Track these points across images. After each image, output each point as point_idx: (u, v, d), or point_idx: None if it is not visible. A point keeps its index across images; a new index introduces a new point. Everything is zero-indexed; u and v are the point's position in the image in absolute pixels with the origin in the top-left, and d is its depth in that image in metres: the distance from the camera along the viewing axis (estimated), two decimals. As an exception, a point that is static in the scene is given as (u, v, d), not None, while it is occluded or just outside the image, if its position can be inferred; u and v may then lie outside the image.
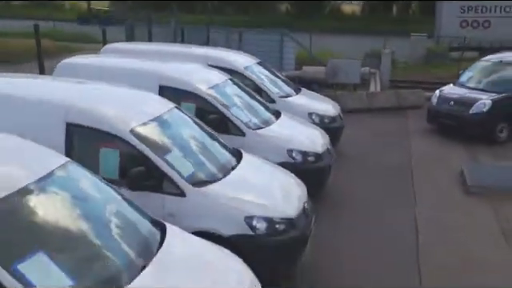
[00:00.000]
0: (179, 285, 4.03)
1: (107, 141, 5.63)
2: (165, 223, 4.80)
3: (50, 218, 4.05)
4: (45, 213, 4.04)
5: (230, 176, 6.13)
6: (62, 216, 4.15)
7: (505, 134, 12.22)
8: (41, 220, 3.97)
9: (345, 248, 7.13)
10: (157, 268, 4.11)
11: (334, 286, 6.28)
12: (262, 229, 5.56)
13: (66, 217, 4.17)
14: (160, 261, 4.20)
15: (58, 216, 4.12)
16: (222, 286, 4.29)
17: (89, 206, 4.45)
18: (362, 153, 11.07)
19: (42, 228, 3.92)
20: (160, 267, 4.14)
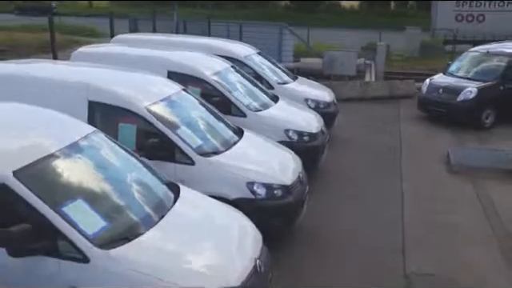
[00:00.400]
0: (187, 235, 4.74)
1: (125, 116, 6.37)
2: (179, 185, 5.51)
3: (84, 176, 4.82)
4: (79, 171, 4.84)
5: (233, 149, 6.86)
6: (92, 174, 4.91)
7: (490, 120, 12.97)
8: (77, 177, 4.75)
9: (337, 212, 7.95)
10: (169, 221, 4.78)
11: (327, 237, 7.05)
12: (261, 193, 6.34)
13: (95, 175, 4.92)
14: (173, 215, 4.88)
15: (89, 174, 4.89)
16: (226, 236, 5.01)
17: (114, 168, 5.24)
18: (354, 136, 11.84)
19: (78, 182, 4.70)
20: (172, 221, 4.80)
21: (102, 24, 20.20)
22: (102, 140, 5.37)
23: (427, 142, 11.86)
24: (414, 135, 12.40)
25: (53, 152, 4.64)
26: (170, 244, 4.56)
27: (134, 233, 4.47)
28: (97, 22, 27.40)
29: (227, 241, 4.91)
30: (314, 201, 7.51)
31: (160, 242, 4.53)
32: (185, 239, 4.66)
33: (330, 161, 9.62)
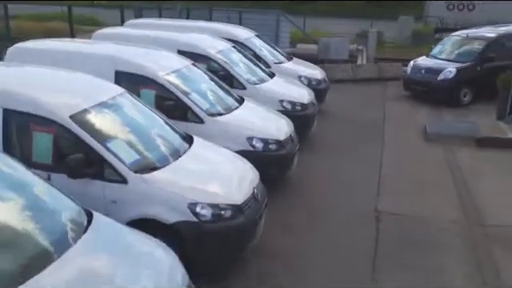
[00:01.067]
0: (202, 167, 6.14)
1: (146, 84, 7.66)
2: (192, 135, 6.73)
3: (121, 122, 6.17)
4: (118, 119, 6.16)
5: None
6: (127, 121, 6.24)
7: (468, 98, 14.28)
8: (116, 122, 6.10)
9: (322, 167, 9.31)
10: (187, 158, 6.16)
11: (312, 185, 8.40)
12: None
13: (130, 122, 6.29)
14: (190, 154, 6.24)
15: (125, 121, 6.22)
16: (233, 169, 6.35)
17: (142, 118, 6.59)
18: (343, 111, 13.15)
19: (118, 126, 6.06)
20: (189, 157, 6.17)
21: (102, 14, 21.49)
22: (132, 98, 6.66)
23: (409, 116, 13.18)
24: (398, 111, 13.73)
25: (98, 103, 6.01)
26: (189, 172, 5.82)
27: (161, 164, 5.81)
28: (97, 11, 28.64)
29: (234, 172, 6.22)
30: (304, 159, 8.86)
31: (181, 171, 5.79)
32: (200, 170, 5.97)
33: (319, 130, 10.95)
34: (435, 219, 7.56)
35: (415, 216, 7.62)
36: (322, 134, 10.97)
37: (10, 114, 5.54)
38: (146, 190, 5.40)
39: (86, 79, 6.59)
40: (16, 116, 5.55)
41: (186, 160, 6.11)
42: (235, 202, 5.67)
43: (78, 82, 6.53)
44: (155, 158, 5.92)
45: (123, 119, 6.20)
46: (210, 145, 6.83)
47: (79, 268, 3.86)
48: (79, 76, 6.61)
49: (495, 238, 7.04)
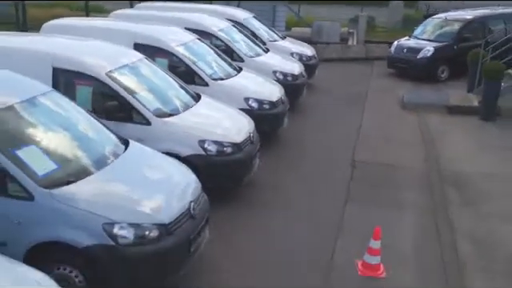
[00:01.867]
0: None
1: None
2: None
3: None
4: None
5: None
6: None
7: (445, 75, 15.80)
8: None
9: (310, 129, 10.85)
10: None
11: (301, 144, 9.94)
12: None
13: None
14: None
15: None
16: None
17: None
18: (331, 85, 14.66)
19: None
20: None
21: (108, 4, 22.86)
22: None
23: (390, 90, 14.68)
24: (381, 86, 15.24)
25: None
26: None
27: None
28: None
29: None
30: (294, 120, 10.41)
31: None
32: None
33: (309, 99, 12.50)
34: (402, 166, 9.11)
35: (385, 164, 9.17)
36: (310, 102, 12.51)
37: (58, 72, 6.93)
38: (165, 131, 6.84)
39: (112, 47, 7.87)
40: (63, 73, 6.96)
41: (195, 111, 7.56)
42: (235, 141, 7.17)
43: (106, 48, 7.80)
44: (172, 107, 7.39)
45: (142, 78, 7.55)
46: (213, 101, 8.18)
47: (123, 171, 5.43)
48: (106, 45, 7.90)
49: (448, 180, 8.59)
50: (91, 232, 4.57)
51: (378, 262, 5.80)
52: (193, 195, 5.44)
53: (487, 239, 6.67)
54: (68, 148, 5.45)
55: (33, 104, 5.52)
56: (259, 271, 5.78)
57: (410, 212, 7.43)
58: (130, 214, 4.75)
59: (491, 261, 6.19)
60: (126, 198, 4.96)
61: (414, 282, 5.76)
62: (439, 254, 6.32)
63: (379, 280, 5.72)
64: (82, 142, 5.67)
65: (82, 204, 4.64)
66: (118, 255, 4.61)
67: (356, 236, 6.45)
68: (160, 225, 4.80)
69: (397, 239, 6.53)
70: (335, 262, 6.04)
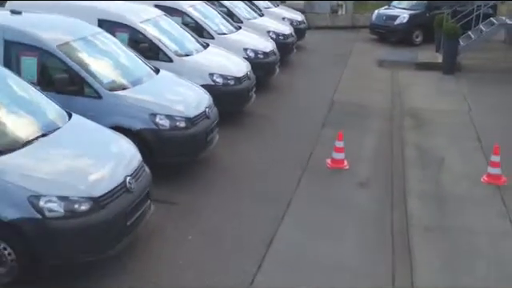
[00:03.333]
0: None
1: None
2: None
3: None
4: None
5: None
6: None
7: (420, 39, 17.97)
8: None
9: (298, 79, 13.04)
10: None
11: (290, 89, 12.11)
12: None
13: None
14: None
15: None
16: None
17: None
18: (318, 48, 16.85)
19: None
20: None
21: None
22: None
23: (370, 52, 16.85)
24: (363, 48, 17.42)
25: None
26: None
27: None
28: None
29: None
30: (284, 75, 12.59)
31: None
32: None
33: (297, 57, 14.68)
34: (371, 106, 11.32)
35: (358, 104, 11.37)
36: (299, 59, 14.73)
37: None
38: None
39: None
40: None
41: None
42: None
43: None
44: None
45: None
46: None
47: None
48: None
49: (407, 113, 10.82)
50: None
51: (343, 157, 8.02)
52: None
53: (426, 147, 8.94)
54: (114, 70, 7.21)
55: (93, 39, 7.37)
56: (258, 167, 7.93)
57: (372, 133, 9.68)
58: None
59: (426, 160, 8.45)
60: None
61: (369, 172, 7.98)
62: (390, 156, 8.56)
63: (343, 170, 7.94)
64: (125, 66, 7.45)
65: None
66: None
67: (328, 147, 8.54)
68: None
69: (360, 148, 8.76)
70: (312, 161, 8.23)
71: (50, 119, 5.70)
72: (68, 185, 4.72)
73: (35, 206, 4.50)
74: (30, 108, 5.68)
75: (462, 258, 5.79)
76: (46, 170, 4.83)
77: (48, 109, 5.84)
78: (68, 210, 4.59)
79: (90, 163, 5.17)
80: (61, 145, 5.34)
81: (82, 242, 4.70)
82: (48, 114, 5.77)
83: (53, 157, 5.11)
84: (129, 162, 5.46)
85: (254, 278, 5.23)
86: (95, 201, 4.71)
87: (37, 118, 5.58)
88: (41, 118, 5.63)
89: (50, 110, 5.83)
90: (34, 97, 5.88)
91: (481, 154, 8.53)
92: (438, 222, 6.59)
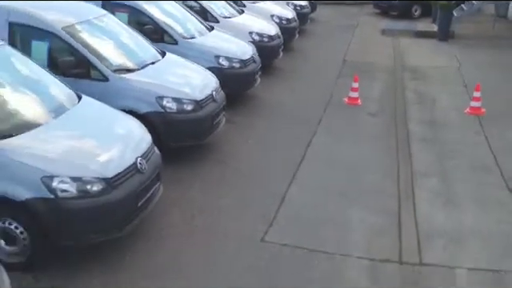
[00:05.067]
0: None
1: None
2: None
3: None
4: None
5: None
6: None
7: (418, 13, 20.09)
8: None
9: (312, 44, 15.17)
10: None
11: (306, 52, 14.28)
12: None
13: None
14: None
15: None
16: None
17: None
18: (328, 19, 19.05)
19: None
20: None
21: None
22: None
23: (374, 23, 18.99)
24: (367, 21, 19.57)
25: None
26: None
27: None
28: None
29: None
30: (302, 41, 14.75)
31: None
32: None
33: (310, 27, 16.82)
34: (377, 63, 13.51)
35: (366, 62, 13.55)
36: (313, 29, 16.85)
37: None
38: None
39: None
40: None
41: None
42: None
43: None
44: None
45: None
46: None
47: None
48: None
49: (406, 69, 13.00)
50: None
51: (357, 96, 10.23)
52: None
53: (422, 91, 11.17)
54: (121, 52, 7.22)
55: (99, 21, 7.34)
56: (291, 103, 10.10)
57: (379, 82, 11.88)
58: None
59: (422, 99, 10.67)
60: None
61: (377, 107, 10.17)
62: (393, 97, 10.78)
63: (357, 106, 10.14)
64: (132, 49, 7.39)
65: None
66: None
67: (344, 91, 10.72)
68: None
69: (369, 91, 10.94)
70: (332, 100, 10.43)
71: (60, 101, 5.65)
72: (81, 165, 4.71)
73: (48, 186, 4.47)
74: (39, 90, 5.65)
75: (447, 157, 7.99)
76: (58, 151, 4.81)
77: (57, 90, 5.79)
78: (80, 190, 4.56)
79: (101, 145, 5.14)
80: (71, 127, 5.29)
81: (93, 222, 4.69)
82: (58, 96, 5.73)
83: (65, 138, 5.08)
84: (139, 144, 5.45)
85: (299, 165, 7.46)
86: (107, 181, 4.69)
87: (46, 100, 5.55)
88: (50, 100, 5.60)
89: (60, 92, 5.79)
90: (43, 79, 5.85)
91: (466, 95, 10.74)
92: (431, 136, 8.81)
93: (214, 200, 6.36)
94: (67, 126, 5.30)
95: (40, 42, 6.69)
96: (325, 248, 5.49)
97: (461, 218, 6.22)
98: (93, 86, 6.52)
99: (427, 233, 5.86)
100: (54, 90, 5.82)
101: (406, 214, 6.26)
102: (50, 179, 4.49)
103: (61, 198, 4.51)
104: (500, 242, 5.75)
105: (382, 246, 5.62)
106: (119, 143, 5.34)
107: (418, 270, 5.23)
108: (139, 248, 5.29)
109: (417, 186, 6.99)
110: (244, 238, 5.59)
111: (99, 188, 4.65)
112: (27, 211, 4.52)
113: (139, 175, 5.07)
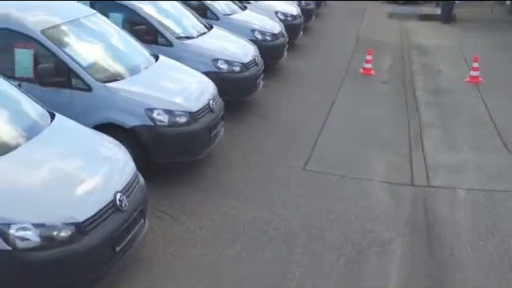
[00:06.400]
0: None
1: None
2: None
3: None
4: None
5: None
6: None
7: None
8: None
9: (326, 27, 16.60)
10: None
11: (323, 31, 15.73)
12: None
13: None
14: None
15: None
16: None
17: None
18: (339, 4, 20.45)
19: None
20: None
21: None
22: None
23: (382, 8, 20.49)
24: (375, 6, 21.06)
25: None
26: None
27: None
28: None
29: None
30: (317, 22, 16.19)
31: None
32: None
33: (325, 12, 18.29)
34: (386, 42, 14.98)
35: (376, 40, 14.98)
36: (326, 13, 18.34)
37: None
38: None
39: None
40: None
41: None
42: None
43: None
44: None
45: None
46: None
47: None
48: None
49: (412, 46, 14.49)
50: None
51: (371, 67, 11.69)
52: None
53: (427, 64, 12.69)
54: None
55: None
56: (313, 72, 11.57)
57: (389, 56, 13.39)
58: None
59: (427, 71, 12.17)
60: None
61: (389, 76, 11.65)
62: (402, 69, 12.27)
63: (371, 76, 11.61)
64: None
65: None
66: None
67: (359, 64, 12.19)
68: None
69: (381, 64, 12.40)
70: (349, 71, 11.90)
71: (145, 59, 6.34)
72: (172, 102, 5.80)
73: (150, 116, 5.76)
74: (132, 50, 6.36)
75: (450, 115, 9.46)
76: (154, 91, 5.84)
77: (141, 51, 6.41)
78: (171, 120, 5.91)
79: (187, 89, 5.50)
80: (156, 76, 5.92)
81: (181, 145, 5.99)
82: (143, 56, 6.42)
83: (155, 83, 5.81)
84: (212, 90, 5.69)
85: (326, 120, 8.93)
86: (192, 114, 5.78)
87: (137, 58, 6.24)
88: (139, 58, 6.29)
89: (143, 53, 6.46)
90: (131, 42, 6.33)
91: (466, 68, 12.20)
92: (435, 100, 10.29)
93: (260, 144, 7.81)
94: (154, 75, 5.96)
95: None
96: (353, 175, 6.98)
97: (460, 157, 7.71)
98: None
99: (433, 166, 7.34)
100: (139, 50, 6.42)
101: (416, 155, 7.74)
102: (151, 111, 5.84)
103: (158, 126, 5.79)
104: (491, 171, 7.24)
105: (397, 175, 7.10)
106: (199, 89, 5.86)
107: (426, 190, 6.70)
108: (211, 174, 6.76)
109: (424, 135, 8.47)
110: (289, 168, 7.07)
111: (185, 120, 5.88)
112: (133, 136, 5.60)
113: (211, 113, 5.67)
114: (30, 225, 3.71)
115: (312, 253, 5.22)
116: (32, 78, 5.82)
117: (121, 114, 5.93)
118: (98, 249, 3.98)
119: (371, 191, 6.62)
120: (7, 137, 4.48)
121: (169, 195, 5.89)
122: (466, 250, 5.40)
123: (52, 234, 3.78)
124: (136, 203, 4.48)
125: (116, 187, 4.34)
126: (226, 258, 5.04)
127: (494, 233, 5.74)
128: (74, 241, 3.83)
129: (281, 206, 6.06)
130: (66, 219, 3.85)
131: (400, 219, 5.99)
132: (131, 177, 4.64)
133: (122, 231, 4.24)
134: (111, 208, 4.17)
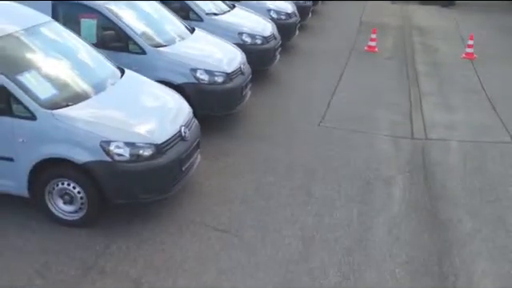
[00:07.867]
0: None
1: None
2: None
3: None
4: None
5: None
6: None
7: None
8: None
9: (328, 16, 17.69)
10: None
11: (329, 14, 16.84)
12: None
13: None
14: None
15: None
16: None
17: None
18: None
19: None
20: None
21: None
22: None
23: None
24: None
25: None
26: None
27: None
28: None
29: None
30: (324, 6, 17.28)
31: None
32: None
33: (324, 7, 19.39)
34: (388, 24, 16.08)
35: (379, 23, 16.04)
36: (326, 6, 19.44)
37: None
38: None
39: None
40: None
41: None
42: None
43: None
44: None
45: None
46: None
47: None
48: None
49: (413, 27, 15.61)
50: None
51: (375, 45, 12.83)
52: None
53: (427, 43, 13.81)
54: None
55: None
56: (322, 49, 12.69)
57: (391, 36, 14.49)
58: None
59: (427, 48, 13.30)
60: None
61: (391, 53, 12.78)
62: (404, 47, 13.40)
63: (375, 52, 12.75)
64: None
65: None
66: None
67: (363, 43, 13.31)
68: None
69: (384, 43, 13.52)
70: (354, 48, 13.01)
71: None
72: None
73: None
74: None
75: (446, 84, 10.63)
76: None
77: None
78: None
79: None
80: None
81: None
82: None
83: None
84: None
85: (336, 88, 10.08)
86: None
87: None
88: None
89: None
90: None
91: (462, 46, 13.33)
92: (434, 72, 11.44)
93: (280, 104, 8.98)
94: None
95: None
96: (361, 130, 8.16)
97: (454, 117, 8.88)
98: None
99: (430, 123, 8.52)
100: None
101: (415, 115, 8.91)
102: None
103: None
104: (480, 128, 8.44)
105: (399, 129, 8.27)
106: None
107: (424, 142, 7.87)
108: (244, 125, 7.95)
109: (423, 100, 9.63)
110: (307, 123, 8.25)
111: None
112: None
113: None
114: (123, 144, 4.93)
115: (330, 182, 6.44)
116: None
117: (170, 74, 7.12)
118: (171, 165, 5.20)
119: (377, 142, 7.79)
120: (94, 82, 5.70)
121: (211, 141, 7.03)
122: (455, 183, 6.62)
123: (138, 151, 5.00)
124: (194, 136, 5.75)
125: (180, 122, 5.61)
126: (262, 183, 6.32)
127: (478, 172, 6.96)
128: (154, 158, 5.05)
129: (302, 151, 7.28)
130: (149, 141, 5.07)
131: (401, 162, 7.18)
132: (190, 116, 5.94)
133: (186, 155, 5.47)
134: (178, 137, 5.40)
